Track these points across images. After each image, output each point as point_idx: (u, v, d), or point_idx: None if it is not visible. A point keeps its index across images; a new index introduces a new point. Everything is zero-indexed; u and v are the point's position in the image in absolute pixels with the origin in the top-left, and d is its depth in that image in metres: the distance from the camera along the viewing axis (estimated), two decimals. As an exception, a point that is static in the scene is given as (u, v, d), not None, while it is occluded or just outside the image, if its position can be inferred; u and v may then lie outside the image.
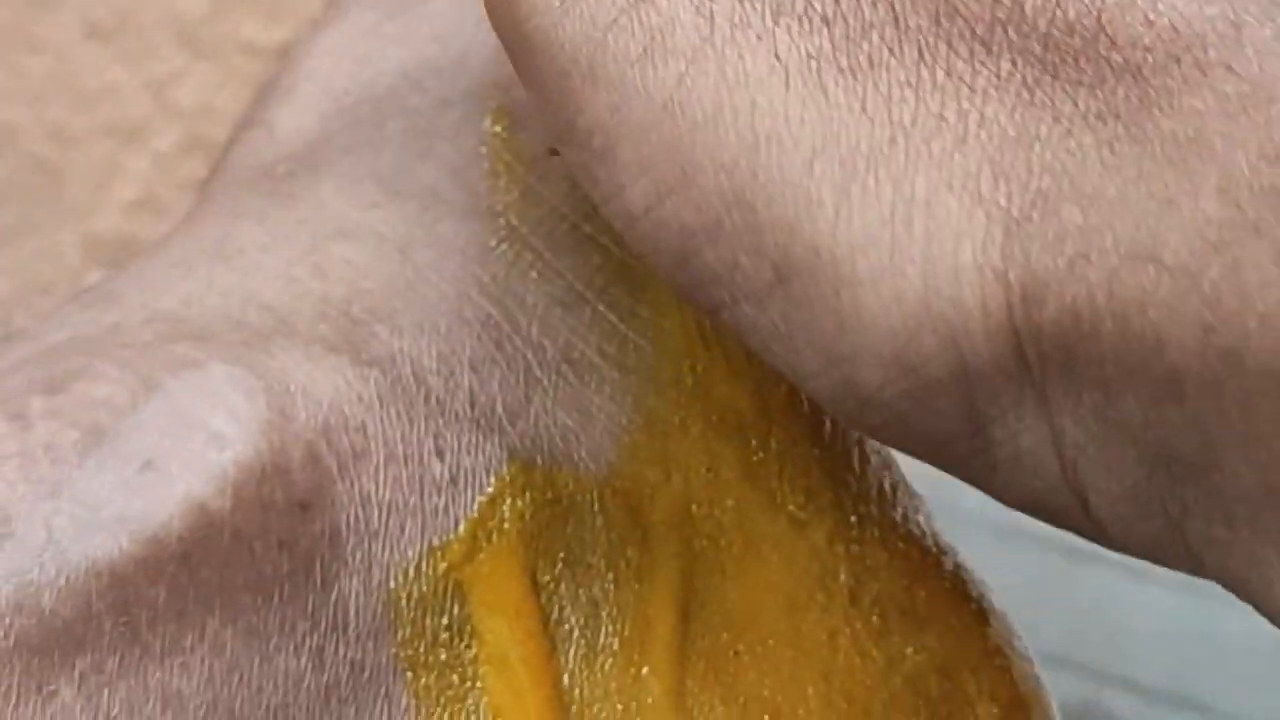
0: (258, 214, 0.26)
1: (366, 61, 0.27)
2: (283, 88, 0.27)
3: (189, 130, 0.95)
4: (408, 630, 0.23)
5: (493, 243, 0.25)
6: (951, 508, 1.28)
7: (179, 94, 0.94)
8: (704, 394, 0.25)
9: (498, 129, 0.26)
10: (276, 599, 0.22)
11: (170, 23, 0.90)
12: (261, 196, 0.26)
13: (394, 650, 0.23)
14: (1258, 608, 0.21)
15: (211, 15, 0.94)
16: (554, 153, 0.26)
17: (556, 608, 0.23)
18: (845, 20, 0.19)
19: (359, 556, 0.23)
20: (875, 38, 0.19)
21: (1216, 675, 1.20)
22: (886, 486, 0.27)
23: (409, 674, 0.23)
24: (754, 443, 0.26)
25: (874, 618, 0.25)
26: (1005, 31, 0.19)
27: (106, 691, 0.21)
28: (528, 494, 0.24)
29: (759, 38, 0.20)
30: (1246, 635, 1.22)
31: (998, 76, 0.19)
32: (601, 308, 0.26)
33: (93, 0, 0.84)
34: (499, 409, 0.24)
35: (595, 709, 0.23)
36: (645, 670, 0.24)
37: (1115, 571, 1.24)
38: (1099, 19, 0.20)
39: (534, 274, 0.26)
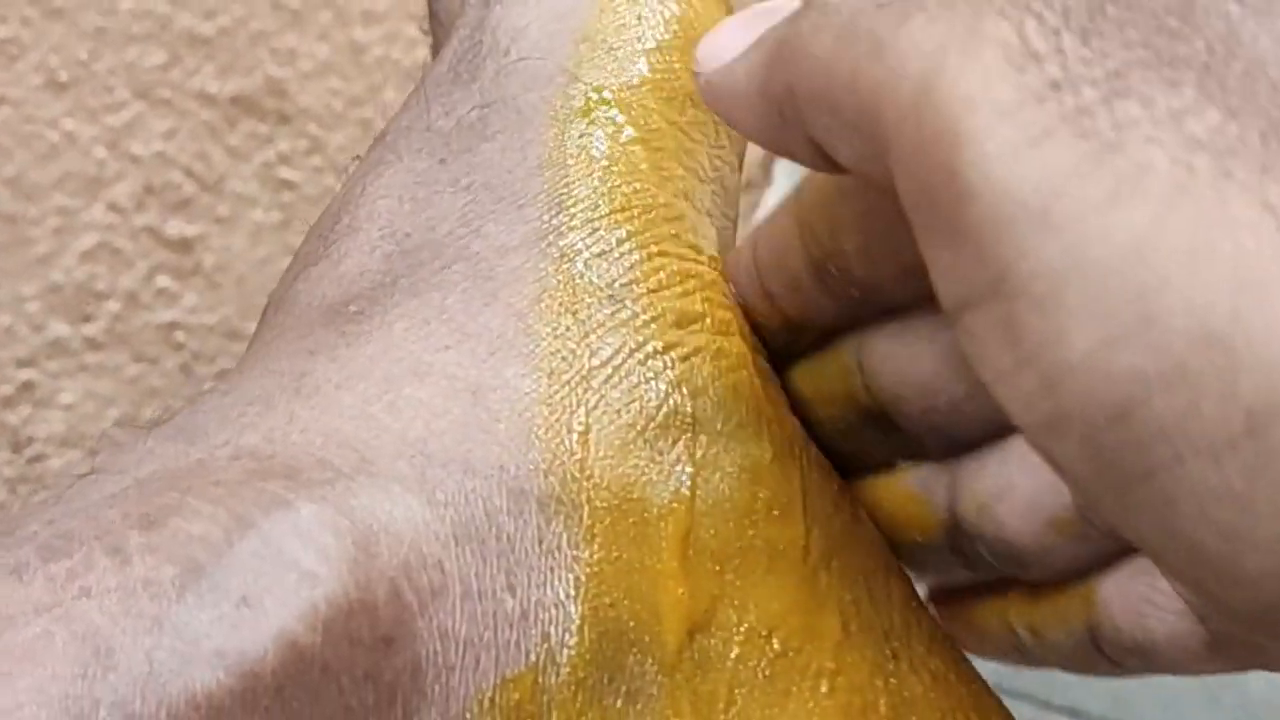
0: (330, 350, 0.26)
1: (426, 205, 0.28)
2: (345, 227, 0.29)
3: (145, 179, 0.96)
4: None
5: (555, 386, 0.26)
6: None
7: (135, 144, 0.94)
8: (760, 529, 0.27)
9: (557, 275, 0.27)
10: None
11: (126, 73, 0.91)
12: (334, 333, 0.27)
13: None
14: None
15: (167, 66, 0.95)
16: (616, 302, 0.27)
17: None
18: None
19: (437, 689, 0.23)
20: None
21: (1155, 699, 1.21)
22: (915, 617, 0.28)
23: None
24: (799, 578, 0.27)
25: None
26: None
27: None
28: (593, 628, 0.25)
29: (1245, 188, 0.18)
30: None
31: None
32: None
33: (50, 51, 0.85)
34: (563, 545, 0.25)
35: None
36: None
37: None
38: None
39: (595, 415, 0.26)
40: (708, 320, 0.28)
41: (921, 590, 0.30)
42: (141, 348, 0.93)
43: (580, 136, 0.28)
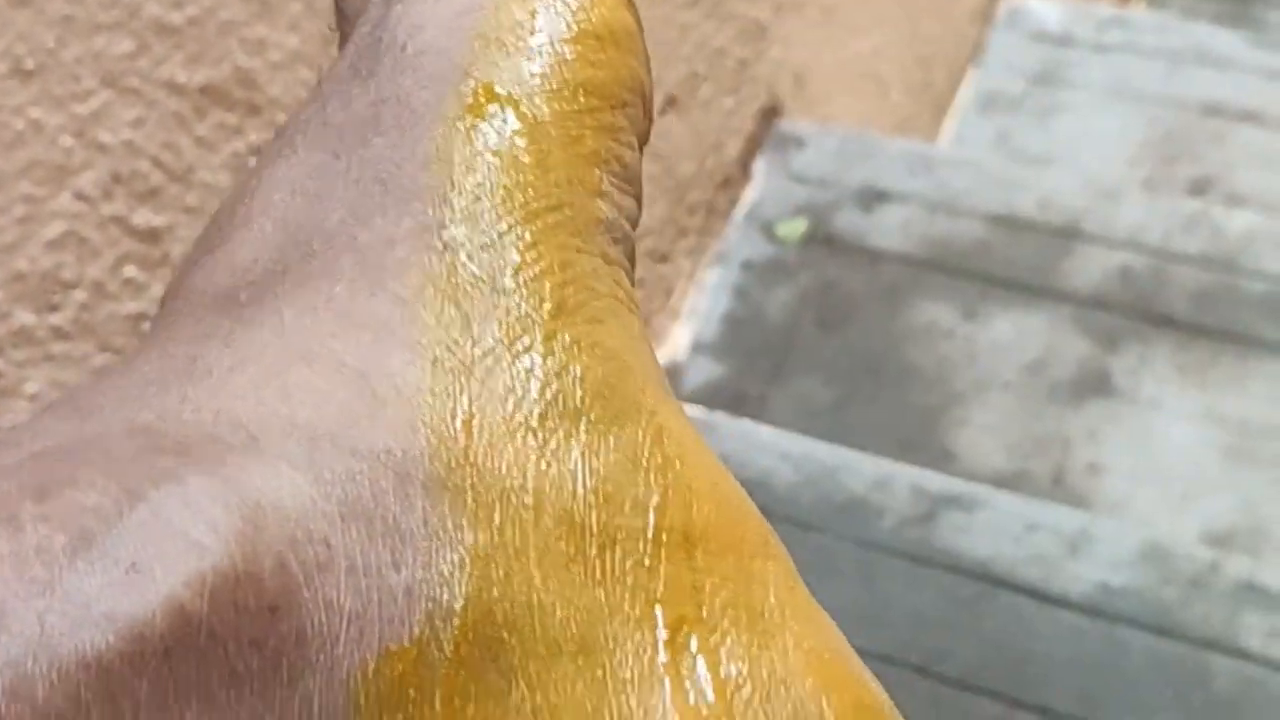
0: (224, 335, 0.27)
1: (318, 198, 0.29)
2: (240, 218, 0.30)
3: (112, 168, 0.96)
4: None
5: (439, 374, 0.27)
6: (864, 535, 1.30)
7: (102, 133, 0.94)
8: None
9: (441, 266, 0.28)
10: (248, 693, 0.23)
11: (94, 62, 0.91)
12: (226, 320, 0.28)
13: None
14: None
15: (135, 55, 0.95)
16: (497, 291, 0.28)
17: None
18: None
19: (322, 658, 0.24)
20: None
21: (1123, 698, 1.22)
22: (791, 596, 0.29)
23: None
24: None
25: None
26: None
27: None
28: (476, 608, 0.26)
29: None
30: (1152, 658, 1.25)
31: None
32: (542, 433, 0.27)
33: (16, 40, 0.84)
34: (449, 526, 0.26)
35: None
36: None
37: (1024, 597, 1.26)
38: None
39: (479, 404, 0.27)
40: (585, 310, 0.29)
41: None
42: (108, 338, 0.93)
43: (467, 132, 0.30)
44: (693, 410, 1.37)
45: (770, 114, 1.66)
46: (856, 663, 0.29)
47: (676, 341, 1.57)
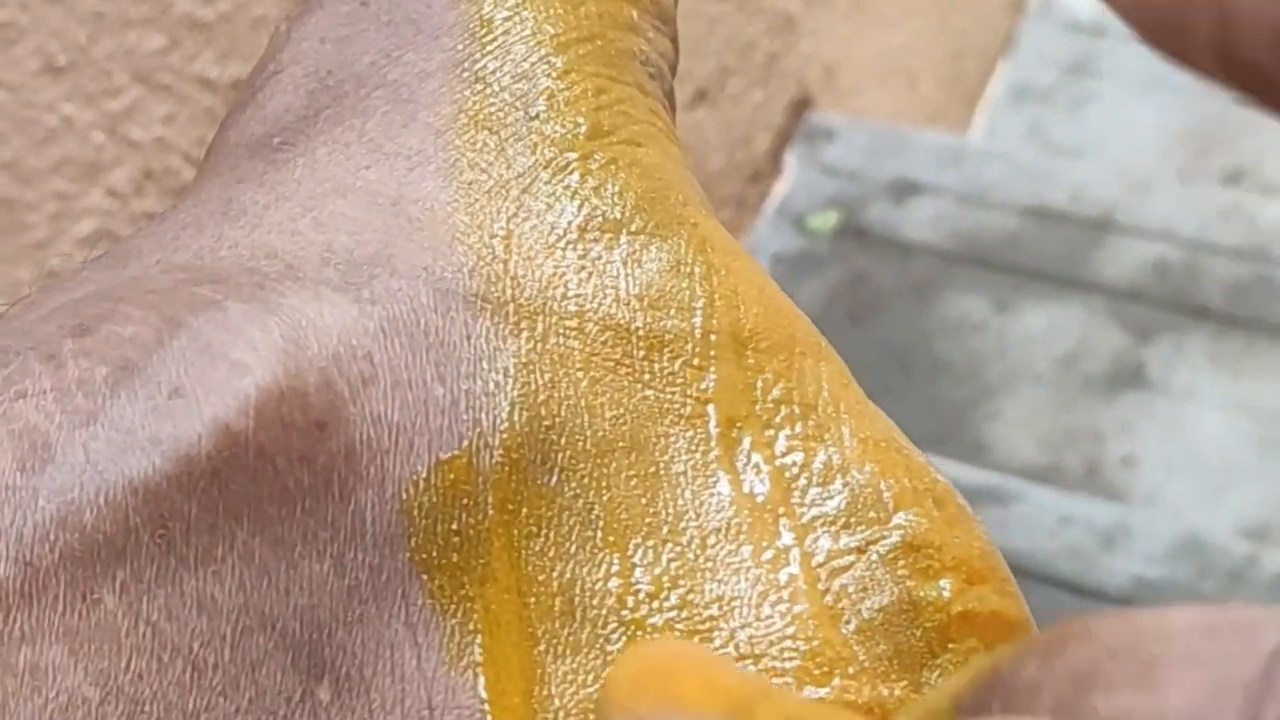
0: (257, 177, 0.28)
1: (347, 43, 0.29)
2: (269, 71, 0.30)
3: (144, 165, 0.96)
4: (421, 537, 0.25)
5: (475, 195, 0.27)
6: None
7: (134, 129, 0.94)
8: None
9: (473, 96, 0.28)
10: (299, 510, 0.24)
11: (125, 58, 0.91)
12: (260, 163, 0.28)
13: (409, 555, 0.25)
14: None
15: (166, 51, 0.95)
16: (531, 118, 0.29)
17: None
18: None
19: (373, 471, 0.24)
20: None
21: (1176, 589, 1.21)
22: (844, 392, 0.29)
23: (424, 576, 0.25)
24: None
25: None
26: None
27: (146, 598, 0.22)
28: (524, 412, 0.26)
29: None
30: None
31: None
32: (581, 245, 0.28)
33: (49, 37, 0.84)
34: (491, 338, 0.26)
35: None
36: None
37: (1060, 591, 1.26)
38: None
39: (515, 221, 0.28)
40: (622, 132, 0.29)
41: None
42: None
43: None
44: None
45: (800, 107, 1.65)
46: (915, 452, 0.29)
47: (707, 335, 1.56)
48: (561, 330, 0.27)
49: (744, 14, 1.49)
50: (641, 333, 0.27)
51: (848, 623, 0.26)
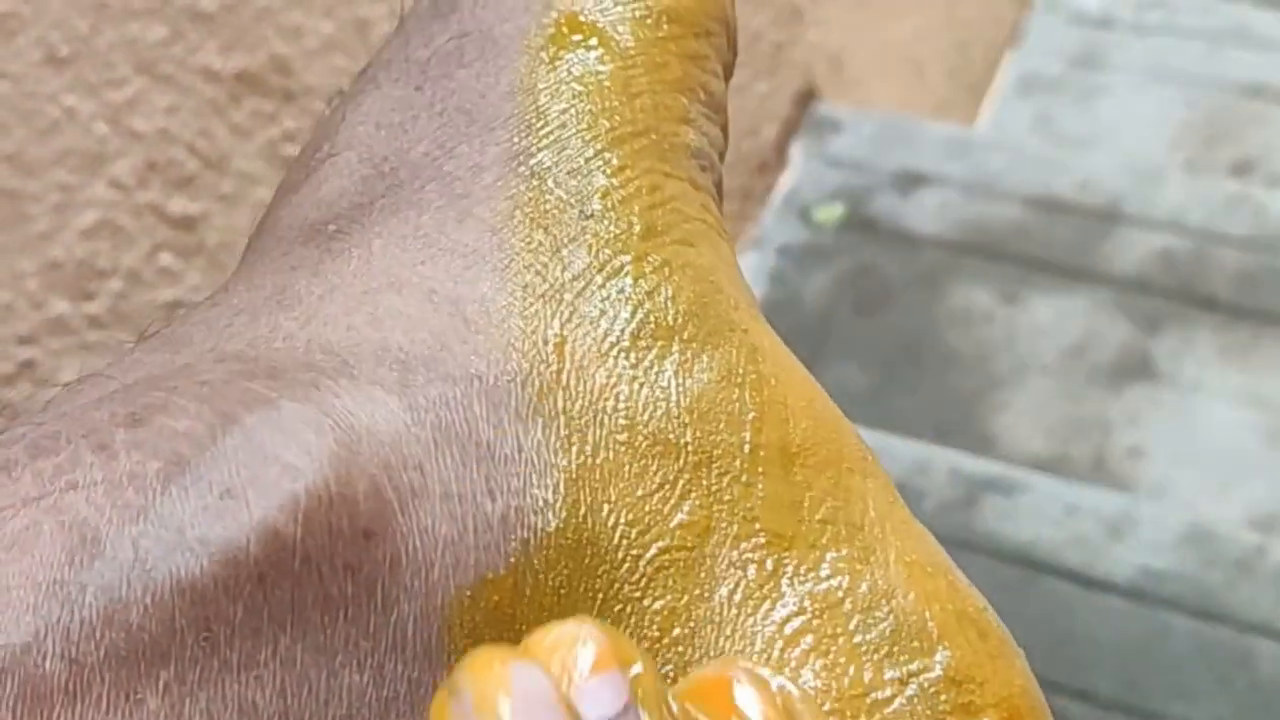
0: (312, 265, 0.27)
1: (401, 130, 0.29)
2: (324, 153, 0.30)
3: (147, 156, 0.96)
4: (460, 654, 0.24)
5: (530, 300, 0.27)
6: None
7: (137, 120, 0.94)
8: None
9: (528, 192, 0.28)
10: (342, 619, 0.23)
11: (128, 49, 0.91)
12: (314, 250, 0.28)
13: (447, 672, 0.24)
14: None
15: (169, 42, 0.95)
16: (586, 216, 0.28)
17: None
18: None
19: (417, 584, 0.24)
20: None
21: (1166, 682, 1.21)
22: (890, 510, 0.28)
23: None
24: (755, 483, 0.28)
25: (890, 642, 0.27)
26: None
27: (188, 701, 0.22)
28: (574, 533, 0.26)
29: None
30: (1195, 642, 1.24)
31: None
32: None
33: (51, 27, 0.84)
34: (542, 452, 0.26)
35: None
36: None
37: (1066, 581, 1.25)
38: None
39: (569, 327, 0.27)
40: (675, 232, 0.29)
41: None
42: (144, 326, 0.92)
43: (551, 61, 0.30)
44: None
45: (806, 97, 1.65)
46: (960, 576, 0.28)
47: (714, 327, 1.56)
48: (611, 445, 0.26)
49: (751, 4, 1.49)
50: (691, 448, 0.27)
51: None
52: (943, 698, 0.26)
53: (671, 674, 0.26)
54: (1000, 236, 1.60)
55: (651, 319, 0.28)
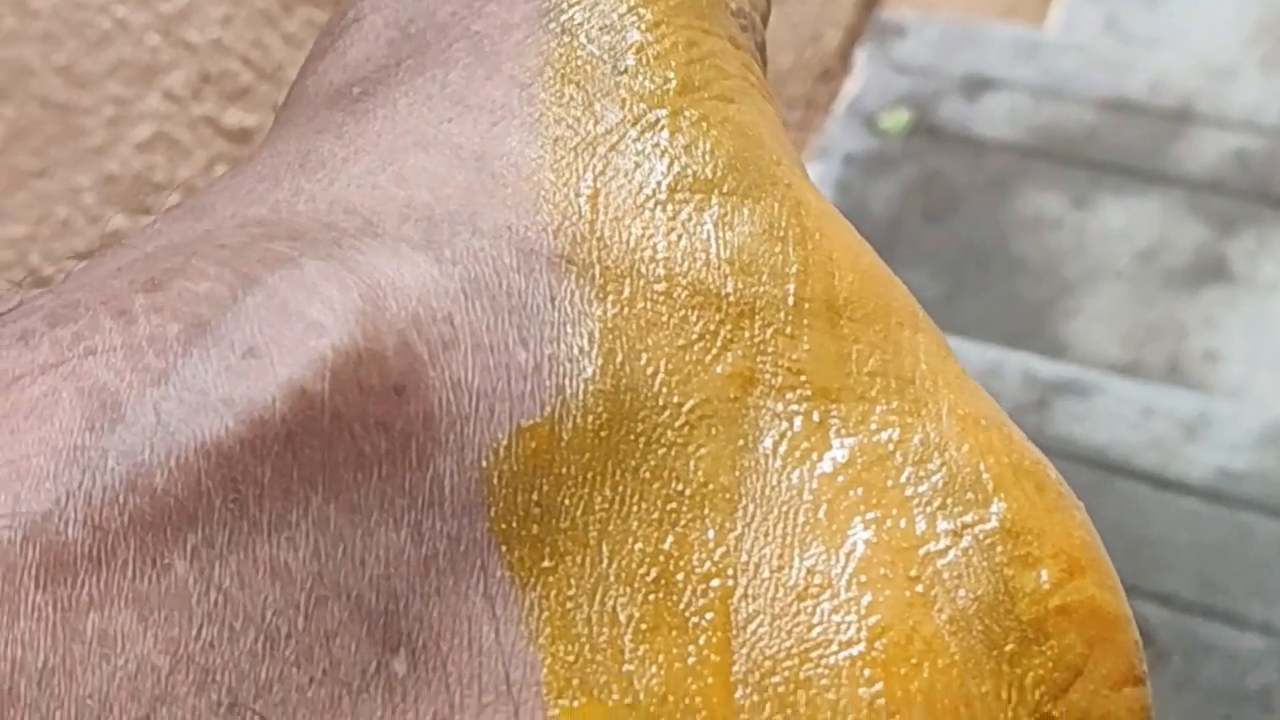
0: (336, 128, 0.27)
1: None
2: (349, 19, 0.29)
3: (201, 68, 0.95)
4: (500, 506, 0.24)
5: (561, 152, 0.27)
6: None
7: (190, 31, 0.93)
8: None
9: (559, 48, 0.28)
10: (376, 477, 0.23)
11: (178, -41, 0.90)
12: (339, 114, 0.27)
13: (488, 525, 0.24)
14: None
15: (219, -50, 0.94)
16: (619, 72, 0.28)
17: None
18: None
19: (452, 438, 0.23)
20: None
21: (1245, 583, 1.19)
22: (942, 364, 0.28)
23: (503, 547, 0.24)
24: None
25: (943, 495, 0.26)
26: None
27: (218, 564, 0.21)
28: (610, 379, 0.25)
29: None
30: (1274, 542, 1.22)
31: None
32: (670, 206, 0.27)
33: (100, -61, 0.83)
34: (576, 301, 0.25)
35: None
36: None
37: (1142, 483, 1.24)
38: None
39: (603, 180, 0.27)
40: (714, 87, 0.28)
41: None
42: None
43: None
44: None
45: (870, 3, 1.63)
46: (1016, 431, 0.28)
47: (779, 238, 1.55)
48: (649, 294, 0.26)
49: (810, -92, 1.47)
50: (732, 299, 0.26)
51: (940, 611, 0.25)
52: (999, 549, 0.26)
53: (720, 518, 0.25)
54: (1070, 140, 1.58)
55: (689, 172, 0.27)
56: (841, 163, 1.58)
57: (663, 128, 0.27)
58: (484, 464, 0.24)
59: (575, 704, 0.24)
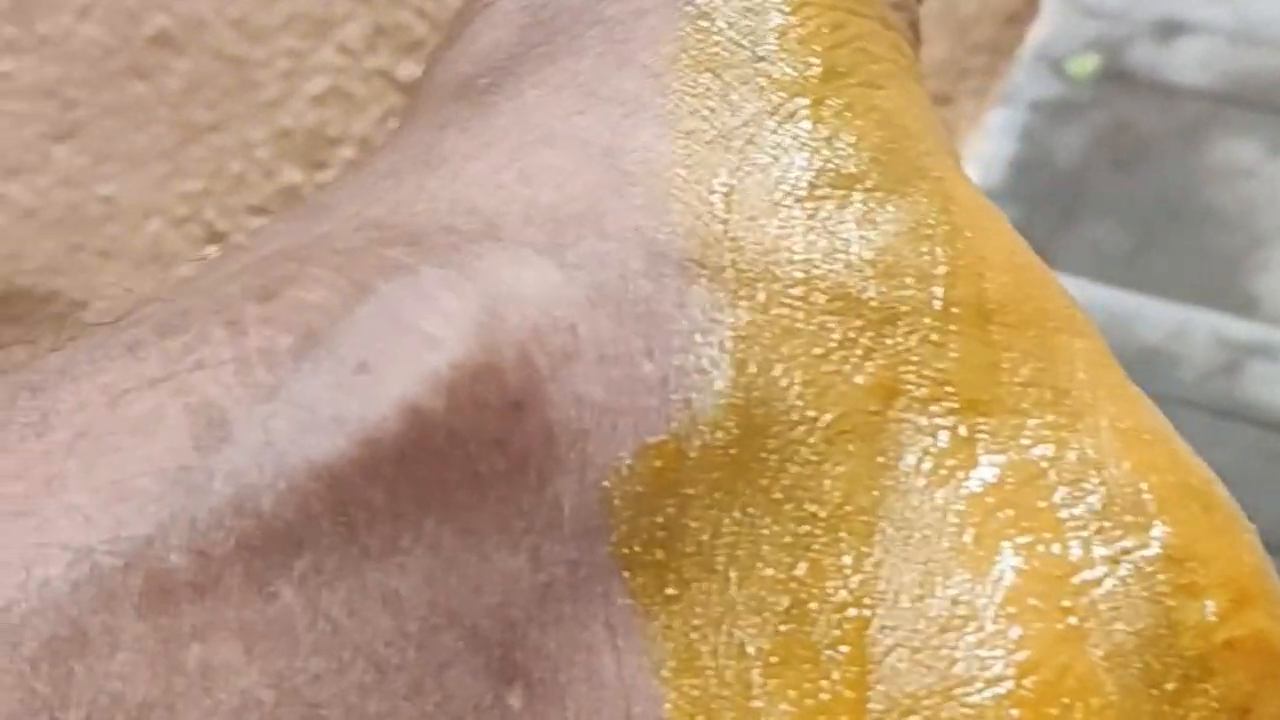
0: (461, 123, 0.26)
1: None
2: (480, 4, 0.28)
3: (375, 20, 0.95)
4: (623, 530, 0.23)
5: (695, 146, 0.25)
6: (1161, 388, 1.24)
7: (364, -17, 0.93)
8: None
9: (695, 34, 0.26)
10: (492, 498, 0.22)
11: (353, -90, 0.90)
12: (465, 106, 0.26)
13: (610, 550, 0.23)
14: None
15: (394, -99, 0.94)
16: (759, 59, 0.26)
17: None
18: None
19: (573, 456, 0.22)
20: None
21: None
22: (1101, 373, 0.26)
23: (626, 573, 0.23)
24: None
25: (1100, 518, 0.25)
26: None
27: (326, 592, 0.21)
28: (742, 393, 0.24)
29: None
30: None
31: None
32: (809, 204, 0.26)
33: (275, -110, 0.83)
34: (706, 308, 0.24)
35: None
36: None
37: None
38: None
39: (738, 176, 0.25)
40: (860, 73, 0.27)
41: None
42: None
43: None
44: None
45: (1059, -56, 1.59)
46: (1182, 446, 0.26)
47: (961, 187, 1.53)
48: (785, 300, 0.24)
49: None
50: (874, 304, 0.25)
51: (1095, 646, 0.24)
52: (1161, 577, 0.24)
53: (858, 543, 0.24)
54: (1266, 86, 1.53)
55: (831, 166, 0.26)
56: (1027, 110, 1.55)
57: (804, 118, 0.26)
58: (606, 484, 0.23)
59: None
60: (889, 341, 0.25)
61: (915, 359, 0.25)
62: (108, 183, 0.81)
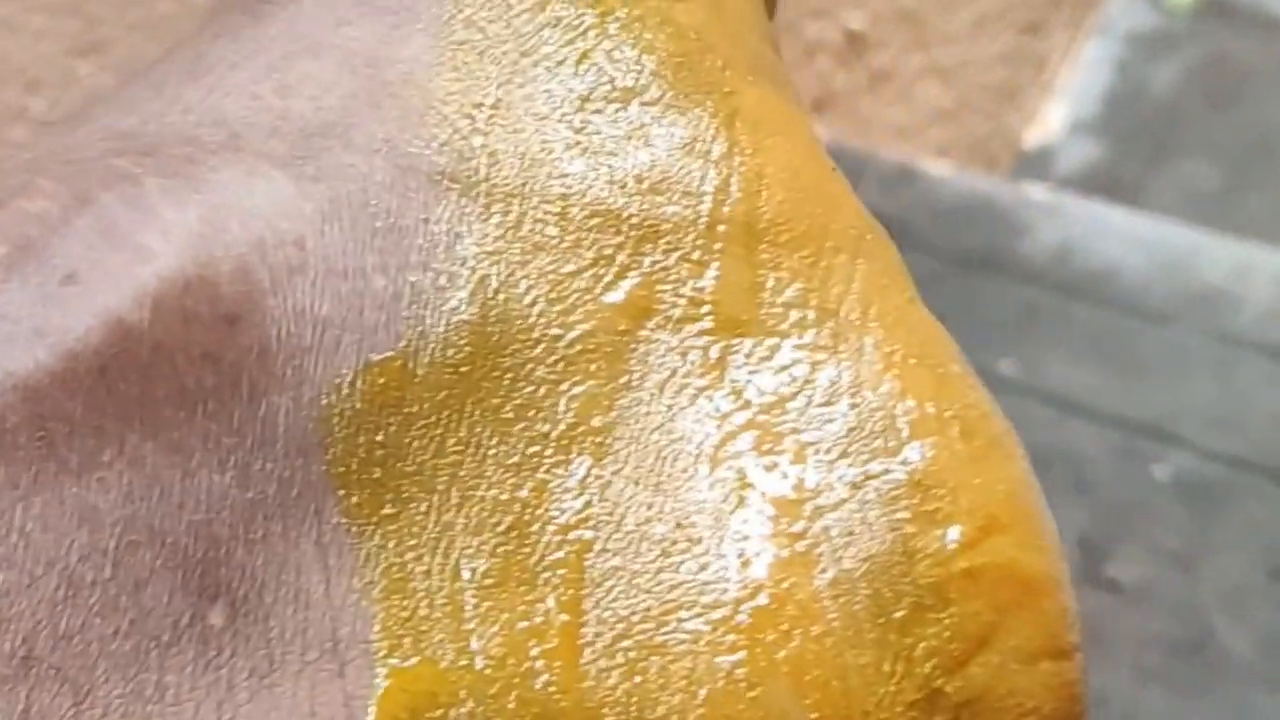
0: (234, 32, 0.25)
1: None
2: None
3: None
4: (340, 448, 0.22)
5: (465, 57, 0.25)
6: (1222, 328, 1.21)
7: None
8: None
9: None
10: (200, 414, 0.21)
11: None
12: (242, 14, 0.26)
13: (325, 468, 0.22)
14: None
15: None
16: None
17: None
18: None
19: (289, 372, 0.22)
20: None
21: None
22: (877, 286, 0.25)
23: (341, 491, 0.22)
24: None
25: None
26: None
27: (20, 506, 0.20)
28: (483, 309, 0.23)
29: None
30: None
31: None
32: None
33: None
34: (453, 222, 0.24)
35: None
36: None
37: None
38: None
39: (507, 89, 0.25)
40: None
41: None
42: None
43: None
44: (1042, 193, 1.30)
45: None
46: (958, 372, 0.25)
47: (1050, 120, 1.49)
48: (540, 215, 0.24)
49: None
50: (634, 220, 0.24)
51: (824, 572, 0.23)
52: (903, 503, 0.23)
53: (588, 464, 0.23)
54: (1375, 22, 1.48)
55: (607, 78, 0.25)
56: (1122, 41, 1.52)
57: (586, 30, 0.25)
58: (325, 401, 0.22)
59: (406, 664, 0.22)
60: (647, 260, 0.24)
61: (673, 278, 0.24)
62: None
